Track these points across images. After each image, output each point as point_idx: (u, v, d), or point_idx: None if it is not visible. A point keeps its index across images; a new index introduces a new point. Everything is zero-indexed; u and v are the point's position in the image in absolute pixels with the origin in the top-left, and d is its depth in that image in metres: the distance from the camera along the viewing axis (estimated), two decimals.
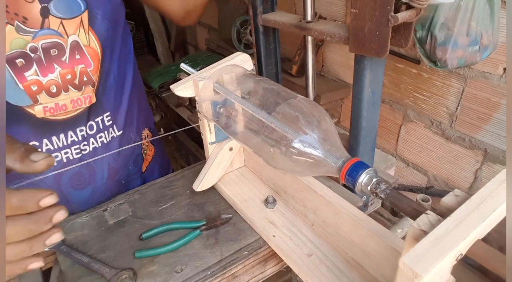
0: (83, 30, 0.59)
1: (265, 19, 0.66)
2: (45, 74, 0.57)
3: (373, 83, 0.53)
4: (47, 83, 0.58)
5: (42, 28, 0.55)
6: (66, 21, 0.56)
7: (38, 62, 0.56)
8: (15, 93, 0.56)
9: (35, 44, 0.55)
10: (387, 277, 0.45)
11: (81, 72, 0.60)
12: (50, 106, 0.59)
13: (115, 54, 0.66)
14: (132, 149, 0.75)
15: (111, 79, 0.66)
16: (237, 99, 0.53)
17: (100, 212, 0.64)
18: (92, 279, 0.51)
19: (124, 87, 0.71)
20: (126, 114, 0.71)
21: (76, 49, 0.59)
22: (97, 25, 0.60)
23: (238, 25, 1.50)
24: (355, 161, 0.39)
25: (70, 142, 0.62)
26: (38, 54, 0.55)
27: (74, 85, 0.60)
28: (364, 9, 0.46)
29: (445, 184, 0.99)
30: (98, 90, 0.64)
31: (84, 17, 0.58)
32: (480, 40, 0.69)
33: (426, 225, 0.31)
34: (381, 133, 1.10)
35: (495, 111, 0.81)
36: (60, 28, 0.56)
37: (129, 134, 0.73)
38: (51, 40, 0.56)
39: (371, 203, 0.66)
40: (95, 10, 0.59)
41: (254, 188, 0.66)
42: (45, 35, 0.55)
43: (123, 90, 0.70)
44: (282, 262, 0.57)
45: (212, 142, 0.64)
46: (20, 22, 0.53)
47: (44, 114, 0.59)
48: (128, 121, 0.72)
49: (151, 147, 0.82)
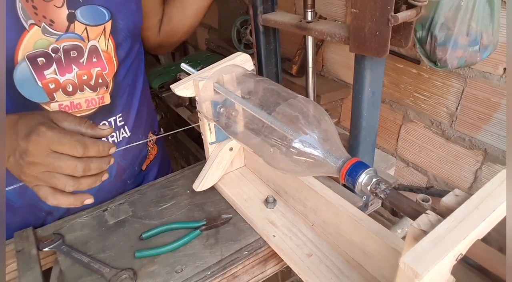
0: (104, 37, 0.62)
1: (265, 19, 0.66)
2: (63, 74, 0.60)
3: (373, 83, 0.53)
4: (64, 82, 0.60)
5: (66, 32, 0.58)
6: (90, 27, 0.60)
7: (58, 62, 0.58)
8: (33, 90, 0.58)
9: (58, 45, 0.58)
10: (387, 277, 0.45)
11: (97, 74, 0.63)
12: (66, 104, 0.62)
13: (129, 60, 0.70)
14: (140, 150, 0.78)
15: (125, 83, 0.70)
16: (237, 99, 0.53)
17: (100, 212, 0.64)
18: (92, 279, 0.51)
19: (135, 91, 0.74)
20: (136, 116, 0.74)
21: (94, 53, 0.62)
22: (117, 34, 0.64)
23: (238, 25, 1.50)
24: (355, 161, 0.39)
25: None
26: (58, 54, 0.58)
27: (90, 86, 0.63)
28: (364, 9, 0.46)
29: (445, 184, 0.99)
30: (112, 92, 0.67)
31: (108, 26, 0.62)
32: (480, 40, 0.69)
33: (426, 225, 0.31)
34: (381, 133, 1.10)
35: (495, 111, 0.81)
36: (84, 33, 0.60)
37: (137, 135, 0.75)
38: (72, 43, 0.59)
39: (371, 203, 0.66)
40: (118, 21, 0.63)
41: (254, 188, 0.66)
42: (68, 38, 0.58)
43: (134, 94, 0.73)
44: (282, 262, 0.57)
45: (212, 142, 0.64)
46: (47, 24, 0.56)
47: None
48: (137, 123, 0.75)
49: (155, 147, 0.84)
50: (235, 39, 1.51)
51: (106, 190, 0.71)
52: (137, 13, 0.68)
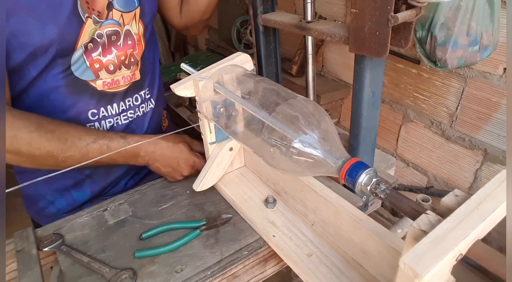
0: (135, 21, 0.72)
1: (265, 19, 0.66)
2: (105, 55, 0.69)
3: (373, 83, 0.53)
4: (106, 62, 0.70)
5: (107, 19, 0.67)
6: (125, 14, 0.70)
7: (102, 46, 0.68)
8: (83, 70, 0.68)
9: (101, 31, 0.67)
10: (387, 277, 0.45)
11: (130, 54, 0.73)
12: (108, 81, 0.71)
13: (151, 40, 0.80)
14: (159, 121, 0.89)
15: (149, 61, 0.80)
16: (237, 99, 0.53)
17: (100, 212, 0.64)
18: (92, 279, 0.51)
19: (156, 68, 0.85)
20: (158, 90, 0.85)
21: (128, 36, 0.72)
22: (145, 18, 0.74)
23: (238, 25, 1.50)
24: (355, 161, 0.39)
25: (121, 110, 0.75)
26: (103, 39, 0.68)
27: (125, 65, 0.73)
28: (364, 9, 0.46)
29: (445, 184, 0.99)
30: (141, 69, 0.77)
31: (137, 12, 0.72)
32: (480, 40, 0.69)
33: (426, 225, 0.31)
34: (381, 133, 1.10)
35: (495, 111, 0.81)
36: (120, 19, 0.69)
37: (158, 107, 0.86)
38: (112, 29, 0.69)
39: (371, 203, 0.66)
40: (145, 6, 0.73)
41: (254, 188, 0.66)
42: (109, 24, 0.68)
43: (156, 70, 0.84)
44: (282, 262, 0.57)
45: (212, 142, 0.64)
46: (95, 15, 0.65)
47: (103, 88, 0.71)
48: (158, 96, 0.86)
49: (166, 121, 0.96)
50: (235, 39, 1.51)
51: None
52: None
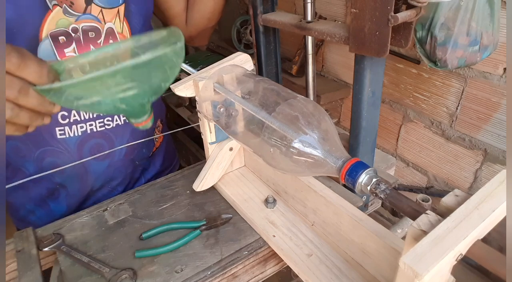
0: (119, 20, 0.67)
1: (265, 19, 0.66)
2: (81, 53, 0.63)
3: (373, 83, 0.53)
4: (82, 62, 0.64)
5: (84, 13, 0.63)
6: (105, 10, 0.65)
7: (77, 42, 0.63)
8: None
9: (77, 25, 0.63)
10: (387, 277, 0.45)
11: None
12: None
13: None
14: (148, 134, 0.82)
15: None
16: (237, 99, 0.53)
17: (100, 212, 0.64)
18: (92, 279, 0.51)
19: None
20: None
21: (110, 35, 0.67)
22: (131, 18, 0.69)
23: (238, 25, 1.50)
24: (355, 161, 0.39)
25: (95, 115, 0.69)
26: (78, 34, 0.63)
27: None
28: (364, 9, 0.46)
29: (445, 184, 0.99)
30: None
31: (121, 9, 0.67)
32: (480, 40, 0.69)
33: (426, 225, 0.31)
34: (381, 133, 1.10)
35: (495, 111, 0.81)
36: (100, 15, 0.65)
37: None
38: (90, 24, 0.64)
39: (371, 203, 0.66)
40: (131, 5, 0.68)
41: (254, 188, 0.66)
42: (86, 19, 0.63)
43: None
44: (282, 262, 0.57)
45: (212, 142, 0.64)
46: (67, 5, 0.61)
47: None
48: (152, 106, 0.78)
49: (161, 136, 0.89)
50: (235, 39, 1.51)
51: (115, 167, 0.75)
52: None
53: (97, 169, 0.73)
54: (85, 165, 0.71)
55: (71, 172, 0.70)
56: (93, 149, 0.71)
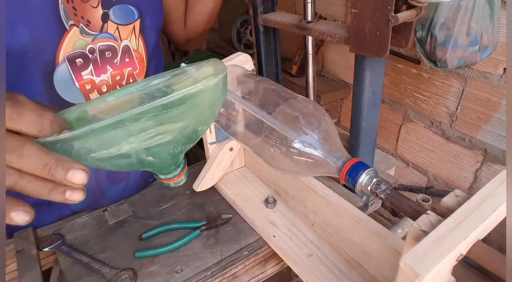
0: (134, 36, 0.64)
1: (265, 19, 0.66)
2: (99, 75, 0.61)
3: (373, 83, 0.53)
4: (99, 83, 0.61)
5: (101, 32, 0.59)
6: (122, 27, 0.61)
7: (94, 63, 0.60)
8: (70, 91, 0.59)
9: (94, 46, 0.59)
10: (387, 277, 0.45)
11: (128, 74, 0.65)
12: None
13: (155, 58, 0.71)
14: None
15: None
16: (238, 99, 0.53)
17: (100, 212, 0.64)
18: (92, 279, 0.51)
19: None
20: None
21: (127, 53, 0.63)
22: (146, 33, 0.65)
23: (238, 25, 1.50)
24: (355, 161, 0.39)
25: None
26: (95, 55, 0.59)
27: (122, 86, 0.64)
28: (364, 9, 0.46)
29: (445, 184, 0.99)
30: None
31: (137, 25, 0.63)
32: (480, 40, 0.69)
33: (427, 225, 0.31)
34: (381, 133, 1.10)
35: (495, 111, 0.81)
36: (116, 33, 0.61)
37: None
38: (107, 43, 0.60)
39: (371, 203, 0.66)
40: (146, 19, 0.64)
41: (254, 188, 0.66)
42: (103, 38, 0.60)
43: None
44: (282, 262, 0.57)
45: (212, 142, 0.64)
46: (84, 25, 0.57)
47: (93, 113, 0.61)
48: None
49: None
50: (235, 39, 1.51)
51: (131, 188, 0.73)
52: (160, 10, 0.69)
53: (114, 192, 0.71)
54: (101, 188, 0.69)
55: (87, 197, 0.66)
56: (111, 173, 0.69)
